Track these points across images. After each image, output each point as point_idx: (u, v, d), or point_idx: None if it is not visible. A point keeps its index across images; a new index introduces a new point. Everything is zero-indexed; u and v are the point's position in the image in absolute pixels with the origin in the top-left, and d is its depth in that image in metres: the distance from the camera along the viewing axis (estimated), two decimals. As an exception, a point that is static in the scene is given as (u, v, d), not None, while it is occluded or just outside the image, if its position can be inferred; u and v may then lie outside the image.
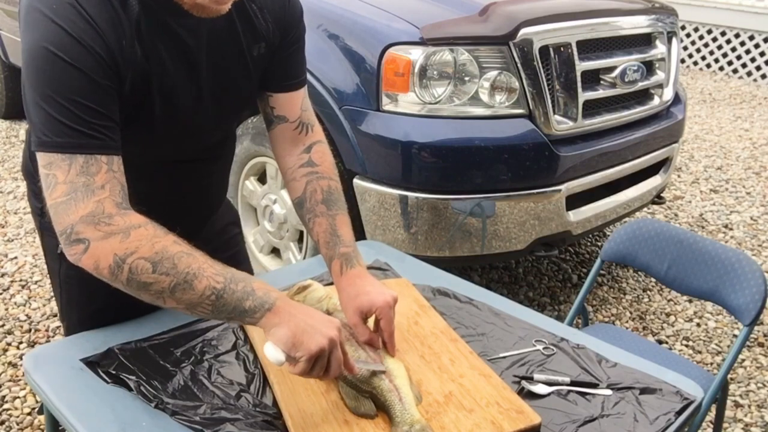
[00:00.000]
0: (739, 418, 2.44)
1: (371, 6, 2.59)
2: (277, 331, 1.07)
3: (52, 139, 1.04)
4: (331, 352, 1.07)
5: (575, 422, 1.16)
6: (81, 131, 1.04)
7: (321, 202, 1.33)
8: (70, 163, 1.04)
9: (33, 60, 1.04)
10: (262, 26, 1.27)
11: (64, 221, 1.04)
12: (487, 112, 2.49)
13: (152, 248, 1.04)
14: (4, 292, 3.01)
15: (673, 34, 3.14)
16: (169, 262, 1.03)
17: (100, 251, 1.03)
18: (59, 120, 1.03)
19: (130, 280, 1.03)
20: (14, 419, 2.28)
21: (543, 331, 1.42)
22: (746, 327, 1.79)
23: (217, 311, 1.07)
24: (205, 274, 1.05)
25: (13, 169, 4.39)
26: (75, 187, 1.03)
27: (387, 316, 1.21)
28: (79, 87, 1.04)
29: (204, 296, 1.05)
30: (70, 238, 1.04)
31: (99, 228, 1.03)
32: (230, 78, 1.27)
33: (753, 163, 4.93)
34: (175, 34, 1.16)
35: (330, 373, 1.10)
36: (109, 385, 1.19)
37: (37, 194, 1.41)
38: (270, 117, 1.38)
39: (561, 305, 3.08)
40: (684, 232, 1.98)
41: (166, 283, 1.03)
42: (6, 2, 4.59)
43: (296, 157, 1.38)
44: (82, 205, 1.03)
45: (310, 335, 1.06)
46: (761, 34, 7.11)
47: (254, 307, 1.07)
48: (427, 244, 2.51)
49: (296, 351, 1.06)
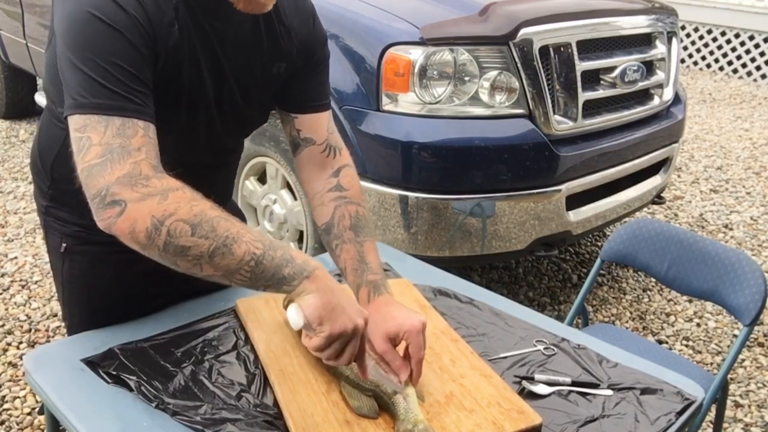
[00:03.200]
0: (739, 418, 2.44)
1: (371, 6, 2.59)
2: (309, 299, 1.04)
3: (89, 100, 1.02)
4: (350, 339, 1.06)
5: (576, 423, 1.16)
6: (119, 93, 1.03)
7: (349, 228, 1.30)
8: (107, 125, 1.01)
9: (75, 23, 1.04)
10: (286, 47, 1.28)
11: (97, 183, 0.99)
12: (487, 112, 2.49)
13: (191, 211, 1.00)
14: (4, 292, 3.01)
15: (673, 34, 3.14)
16: (208, 225, 0.99)
17: (137, 213, 0.98)
18: (98, 81, 1.02)
19: (167, 244, 0.98)
20: (14, 419, 2.28)
21: (544, 331, 1.42)
22: (746, 327, 1.79)
23: (255, 278, 1.02)
24: (244, 239, 1.01)
25: (13, 169, 4.38)
26: (110, 148, 1.00)
27: (416, 341, 1.14)
28: (120, 50, 1.04)
29: (243, 262, 1.01)
30: (105, 201, 0.99)
31: (136, 189, 0.99)
32: (250, 90, 1.28)
33: (753, 163, 4.94)
34: (207, 35, 1.17)
35: (341, 360, 1.07)
36: (109, 385, 1.19)
37: (43, 192, 1.41)
38: (297, 140, 1.37)
39: (561, 305, 3.08)
40: (684, 232, 1.98)
41: (205, 247, 0.99)
42: (6, 2, 4.59)
43: (324, 181, 1.36)
44: (118, 166, 0.99)
45: (338, 314, 1.04)
46: (761, 34, 7.11)
47: (293, 274, 1.03)
48: (427, 244, 2.51)
49: (319, 324, 1.04)
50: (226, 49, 1.21)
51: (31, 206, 3.84)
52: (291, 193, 2.83)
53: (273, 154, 2.78)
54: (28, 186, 4.11)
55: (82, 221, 1.36)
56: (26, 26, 4.38)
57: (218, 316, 1.40)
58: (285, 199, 2.84)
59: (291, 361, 1.24)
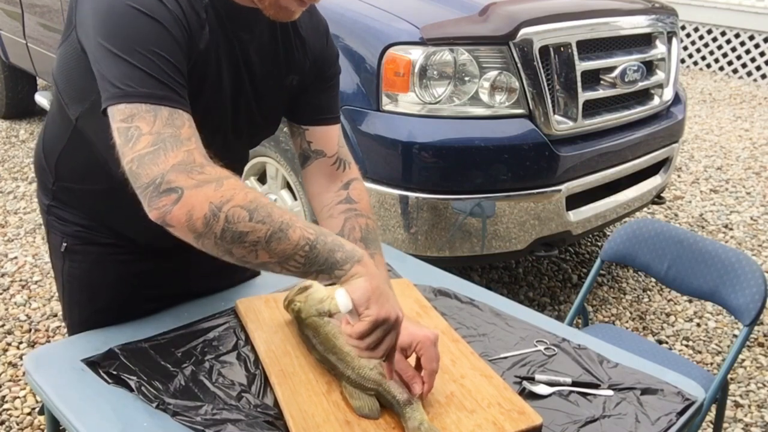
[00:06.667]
0: (739, 418, 2.44)
1: (371, 6, 2.59)
2: (357, 281, 1.04)
3: (136, 90, 1.01)
4: (392, 329, 1.05)
5: (577, 423, 1.16)
6: (166, 84, 1.03)
7: (360, 240, 1.30)
8: (156, 114, 1.01)
9: (115, 16, 1.04)
10: (300, 60, 1.29)
11: (151, 172, 0.98)
12: (487, 112, 2.49)
13: (246, 197, 1.00)
14: (4, 292, 3.01)
15: (673, 34, 3.14)
16: (264, 211, 1.00)
17: (194, 199, 0.97)
18: (145, 71, 1.02)
19: (225, 230, 0.98)
20: (14, 419, 2.28)
21: (544, 331, 1.42)
22: (746, 327, 1.79)
23: (309, 263, 1.02)
24: (297, 225, 1.02)
25: (13, 169, 4.38)
26: (161, 137, 1.00)
27: (429, 353, 1.14)
28: (164, 42, 1.04)
29: (299, 246, 1.01)
30: (160, 189, 0.98)
31: (192, 176, 0.99)
32: (265, 99, 1.28)
33: (753, 163, 4.94)
34: (231, 42, 1.18)
35: (377, 351, 1.06)
36: (110, 385, 1.19)
37: (46, 190, 1.41)
38: (307, 153, 1.37)
39: (561, 305, 3.08)
40: (684, 232, 1.98)
41: (263, 232, 0.99)
42: (6, 2, 4.59)
43: (334, 193, 1.36)
44: (171, 154, 0.99)
45: (385, 300, 1.04)
46: (761, 34, 7.11)
47: (345, 258, 1.04)
48: (427, 244, 2.51)
49: (367, 308, 1.03)
50: (247, 58, 1.22)
51: (31, 206, 3.84)
52: (291, 193, 2.83)
53: (273, 155, 2.78)
54: (28, 186, 4.11)
55: (83, 221, 1.36)
56: (26, 26, 4.38)
57: (218, 316, 1.40)
58: (285, 199, 2.84)
59: (291, 362, 1.24)
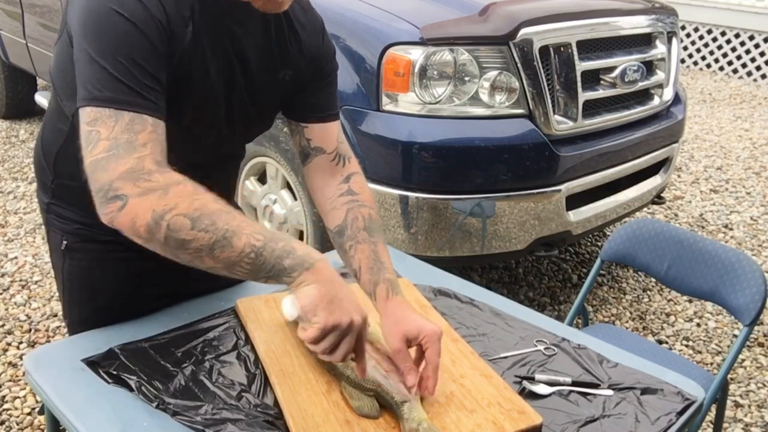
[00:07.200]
0: (739, 418, 2.44)
1: (371, 6, 2.59)
2: (306, 289, 1.04)
3: (102, 93, 1.03)
4: (346, 334, 1.05)
5: (576, 422, 1.16)
6: (133, 89, 1.04)
7: (363, 229, 1.29)
8: (117, 119, 1.03)
9: (96, 17, 1.05)
10: (294, 55, 1.29)
11: (101, 178, 1.01)
12: (487, 112, 2.49)
13: (191, 205, 1.01)
14: (4, 292, 3.01)
15: (673, 34, 3.14)
16: (207, 219, 1.00)
17: (138, 208, 1.00)
18: (113, 75, 1.03)
19: (168, 237, 1.00)
20: (14, 419, 2.28)
21: (544, 331, 1.42)
22: (746, 327, 1.79)
23: (256, 270, 1.03)
24: (244, 232, 1.01)
25: (13, 169, 4.38)
26: (117, 143, 1.01)
27: (434, 347, 1.13)
28: (138, 47, 1.05)
29: (243, 254, 1.01)
30: (107, 195, 1.01)
31: (138, 184, 1.00)
32: (259, 94, 1.29)
33: (753, 163, 4.94)
34: (220, 37, 1.18)
35: (335, 355, 1.06)
36: (110, 385, 1.19)
37: (45, 188, 1.41)
38: (307, 150, 1.38)
39: (561, 305, 3.08)
40: (684, 232, 1.98)
41: (205, 240, 1.00)
42: (6, 2, 4.59)
43: (335, 187, 1.36)
44: (122, 161, 1.01)
45: (335, 307, 1.03)
46: (761, 34, 7.11)
47: (293, 265, 1.03)
48: (427, 244, 2.51)
49: (314, 315, 1.03)
50: (240, 52, 1.22)
51: (31, 206, 3.84)
52: (291, 193, 2.83)
53: (273, 154, 2.78)
54: (28, 186, 4.11)
55: (83, 219, 1.36)
56: (26, 26, 4.38)
57: (218, 316, 1.40)
58: (285, 199, 2.84)
59: (291, 361, 1.24)
